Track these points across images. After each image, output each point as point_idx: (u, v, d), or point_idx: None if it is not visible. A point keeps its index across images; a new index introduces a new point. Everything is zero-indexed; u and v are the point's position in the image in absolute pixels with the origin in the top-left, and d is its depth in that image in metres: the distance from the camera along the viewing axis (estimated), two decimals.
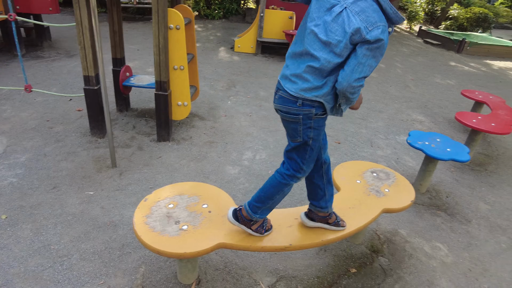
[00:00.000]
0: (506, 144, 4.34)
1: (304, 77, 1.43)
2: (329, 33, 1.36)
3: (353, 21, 1.31)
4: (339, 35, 1.34)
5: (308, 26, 1.42)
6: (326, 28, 1.36)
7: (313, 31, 1.39)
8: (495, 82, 7.29)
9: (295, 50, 1.48)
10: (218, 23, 10.92)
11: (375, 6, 1.33)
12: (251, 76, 6.00)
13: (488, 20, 13.18)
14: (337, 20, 1.34)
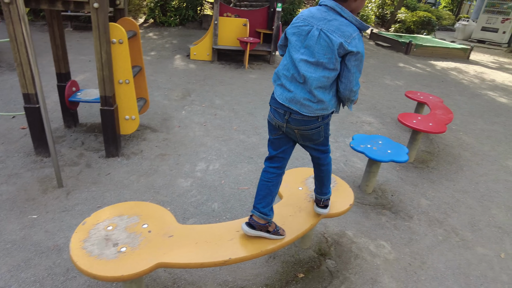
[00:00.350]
0: (446, 141, 4.65)
1: (316, 99, 1.61)
2: (316, 54, 1.56)
3: (333, 38, 1.51)
4: (328, 53, 1.53)
5: (295, 57, 1.61)
6: (312, 51, 1.56)
7: (302, 59, 1.59)
8: (438, 82, 7.79)
9: (293, 77, 1.64)
10: (174, 30, 10.81)
11: (345, 21, 1.54)
12: (206, 84, 5.99)
13: (431, 23, 14.08)
14: (319, 42, 1.54)
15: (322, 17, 1.56)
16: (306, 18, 1.61)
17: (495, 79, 8.82)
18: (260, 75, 6.88)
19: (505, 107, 6.50)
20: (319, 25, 1.55)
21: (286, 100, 1.66)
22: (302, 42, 1.59)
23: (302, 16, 1.64)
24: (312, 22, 1.58)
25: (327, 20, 1.54)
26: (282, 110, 1.69)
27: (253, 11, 8.54)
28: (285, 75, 1.67)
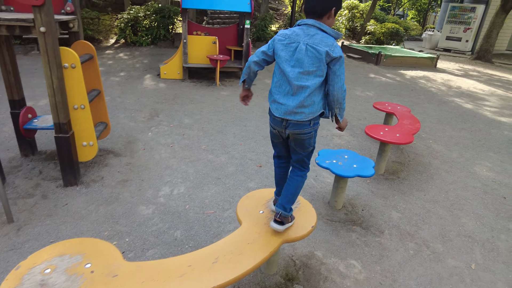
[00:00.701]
0: (416, 149, 4.68)
1: (307, 104, 1.83)
2: (306, 65, 1.79)
3: (320, 49, 1.75)
4: (316, 62, 1.77)
5: (287, 70, 1.83)
6: (302, 63, 1.79)
7: (294, 71, 1.81)
8: (407, 91, 7.96)
9: (285, 90, 1.87)
10: (146, 50, 10.70)
11: (325, 34, 1.80)
12: (176, 104, 5.87)
13: (399, 34, 14.55)
14: (308, 54, 1.77)
15: (305, 34, 1.80)
16: (291, 36, 1.83)
17: (461, 86, 9.10)
18: (232, 92, 6.82)
19: (471, 113, 6.67)
20: (304, 41, 1.79)
21: (281, 113, 1.88)
22: (292, 57, 1.82)
23: (287, 35, 1.85)
24: (297, 39, 1.81)
25: (310, 36, 1.79)
26: (280, 119, 1.91)
27: (223, 28, 8.56)
28: (278, 91, 1.89)
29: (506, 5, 13.13)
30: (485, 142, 5.19)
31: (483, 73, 11.59)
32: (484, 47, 14.07)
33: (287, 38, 1.83)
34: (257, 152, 4.19)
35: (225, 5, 7.21)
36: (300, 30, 1.83)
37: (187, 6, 6.96)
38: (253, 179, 3.55)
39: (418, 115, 6.19)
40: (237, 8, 7.20)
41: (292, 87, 1.82)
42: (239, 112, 5.61)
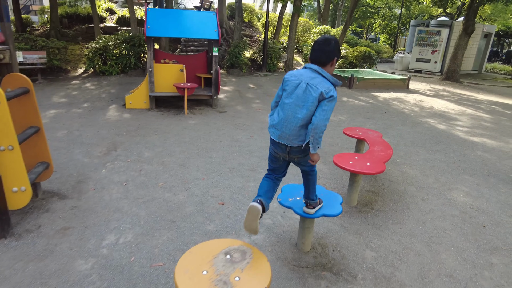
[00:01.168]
0: (391, 176, 4.45)
1: (299, 133, 2.25)
2: (302, 99, 2.20)
3: (316, 89, 2.15)
4: (311, 99, 2.17)
5: (287, 101, 2.26)
6: (299, 97, 2.21)
7: (293, 103, 2.23)
8: (381, 113, 7.89)
9: (279, 118, 2.30)
10: (115, 79, 10.37)
11: (324, 79, 2.21)
12: (138, 135, 5.50)
13: (371, 57, 14.85)
14: (306, 91, 2.18)
15: (308, 75, 2.23)
16: (297, 75, 2.27)
17: (433, 106, 9.16)
18: (201, 120, 6.52)
19: (444, 133, 6.59)
20: (306, 80, 2.21)
21: (277, 138, 2.31)
22: (293, 92, 2.24)
23: (294, 74, 2.30)
24: (301, 78, 2.24)
25: (312, 77, 2.21)
26: (283, 145, 2.33)
27: (192, 56, 8.37)
28: (276, 120, 2.32)
29: (468, 28, 13.68)
30: (460, 164, 5.04)
31: (453, 92, 11.82)
32: (451, 68, 14.50)
33: (294, 76, 2.28)
34: (221, 187, 3.84)
35: (191, 33, 7.05)
36: (305, 72, 2.27)
37: (152, 34, 6.74)
38: (213, 220, 3.19)
39: (392, 138, 6.04)
40: (204, 35, 7.04)
41: (287, 117, 2.26)
42: (206, 142, 5.29)
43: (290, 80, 2.27)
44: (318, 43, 2.27)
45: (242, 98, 8.72)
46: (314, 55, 2.27)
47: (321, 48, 2.25)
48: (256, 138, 5.60)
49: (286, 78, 2.31)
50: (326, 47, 2.24)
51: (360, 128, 4.81)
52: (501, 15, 28.02)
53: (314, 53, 2.27)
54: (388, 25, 29.47)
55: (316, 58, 2.26)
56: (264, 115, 7.14)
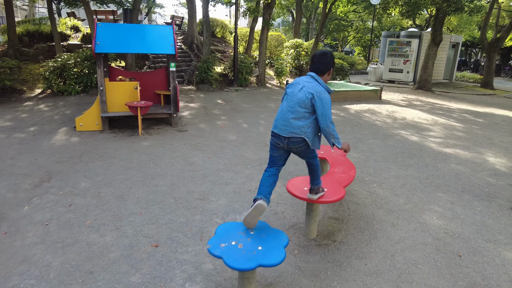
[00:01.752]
0: (358, 198, 4.02)
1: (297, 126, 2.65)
2: (299, 99, 2.65)
3: (310, 91, 2.62)
4: (305, 100, 2.62)
5: (290, 98, 2.71)
6: (297, 97, 2.66)
7: (289, 99, 2.71)
8: (351, 126, 7.54)
9: (283, 114, 2.71)
10: (73, 99, 9.71)
11: (318, 84, 2.67)
12: (81, 162, 4.90)
13: (344, 69, 14.74)
14: (301, 92, 2.65)
15: (307, 80, 2.70)
16: (298, 81, 2.73)
17: (406, 116, 8.92)
18: (155, 141, 5.96)
19: (417, 146, 6.27)
20: (303, 84, 2.68)
21: (280, 131, 2.67)
22: (293, 91, 2.70)
23: (297, 80, 2.75)
24: (301, 83, 2.70)
25: (309, 82, 2.67)
26: (282, 136, 2.67)
27: (152, 72, 7.87)
28: (279, 116, 2.71)
29: (436, 38, 13.80)
30: (433, 180, 4.67)
31: (426, 102, 11.72)
32: (423, 77, 14.54)
33: (296, 82, 2.73)
34: (159, 224, 3.28)
35: (146, 48, 6.56)
36: (305, 78, 2.71)
37: (101, 50, 6.21)
38: (140, 269, 2.62)
39: (361, 154, 5.66)
40: (159, 50, 6.57)
41: (288, 113, 2.65)
42: (155, 167, 4.73)
43: (293, 84, 2.76)
44: (317, 56, 2.72)
45: (208, 115, 8.22)
46: (314, 66, 2.72)
47: (320, 60, 2.71)
48: (213, 160, 5.09)
49: (291, 84, 2.80)
50: (324, 60, 2.71)
51: (323, 146, 4.37)
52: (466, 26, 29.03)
53: (314, 65, 2.72)
54: (362, 38, 29.93)
55: (316, 69, 2.71)
56: (227, 133, 6.65)
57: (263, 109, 9.18)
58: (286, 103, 2.69)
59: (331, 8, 15.91)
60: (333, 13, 23.77)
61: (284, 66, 14.29)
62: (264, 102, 10.24)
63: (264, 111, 8.84)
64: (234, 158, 5.20)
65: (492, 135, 7.29)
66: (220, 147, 5.75)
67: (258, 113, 8.63)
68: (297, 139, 2.63)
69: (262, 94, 11.80)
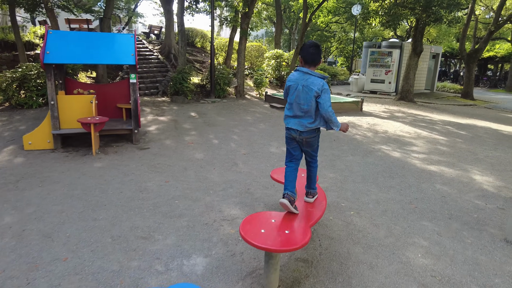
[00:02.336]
0: (332, 231, 3.47)
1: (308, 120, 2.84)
2: (302, 97, 2.78)
3: (312, 88, 2.72)
4: (308, 96, 2.75)
5: (294, 100, 2.84)
6: (300, 96, 2.79)
7: (297, 102, 2.82)
8: (329, 141, 7.06)
9: (292, 112, 2.88)
10: (33, 113, 8.93)
11: (314, 77, 2.76)
12: (15, 189, 4.20)
13: None
14: (303, 91, 2.76)
15: (301, 77, 2.80)
16: (294, 80, 2.84)
17: (388, 129, 8.52)
18: (110, 162, 5.31)
19: (399, 163, 5.81)
20: (301, 82, 2.78)
21: (294, 125, 2.87)
22: (294, 92, 2.83)
23: (292, 78, 2.86)
24: (297, 81, 2.81)
25: (305, 79, 2.77)
26: (295, 129, 2.88)
27: (113, 84, 7.25)
28: (289, 114, 2.91)
29: (416, 49, 13.67)
30: (417, 205, 4.18)
31: (408, 113, 11.43)
32: (405, 88, 14.34)
33: (293, 81, 2.85)
34: (84, 274, 2.64)
35: (102, 59, 5.95)
36: (298, 75, 2.84)
37: (51, 61, 5.56)
38: None
39: (338, 174, 5.14)
40: (118, 61, 5.98)
41: (298, 110, 2.83)
42: (100, 195, 4.08)
43: (290, 85, 2.83)
44: (313, 46, 2.78)
45: (177, 129, 7.61)
46: (312, 57, 2.77)
47: (316, 51, 2.78)
48: (171, 184, 4.47)
49: (287, 84, 2.88)
50: (319, 51, 2.81)
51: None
52: (445, 37, 29.52)
53: (312, 56, 2.77)
54: (345, 48, 29.98)
55: (313, 60, 2.78)
56: (194, 150, 6.05)
57: (238, 122, 8.63)
58: (296, 106, 2.83)
59: (311, 18, 15.65)
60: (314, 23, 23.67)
61: (263, 77, 13.83)
62: (241, 114, 9.70)
63: (239, 125, 8.29)
64: (195, 182, 4.59)
65: (476, 150, 6.93)
66: (182, 168, 5.14)
67: (232, 127, 8.07)
68: (310, 129, 2.86)
69: (239, 106, 11.27)
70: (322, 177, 4.96)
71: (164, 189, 4.30)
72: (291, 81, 2.84)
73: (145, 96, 12.84)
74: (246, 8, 12.41)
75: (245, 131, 7.67)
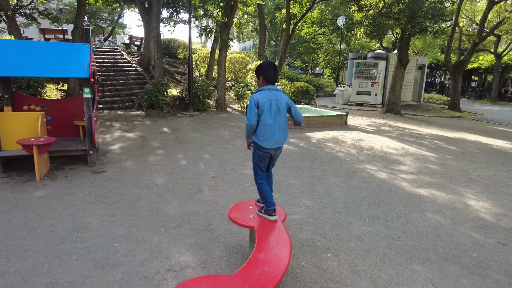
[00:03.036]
0: (302, 282, 2.80)
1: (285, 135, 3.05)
2: (275, 111, 2.90)
3: (283, 101, 2.95)
4: (282, 109, 2.93)
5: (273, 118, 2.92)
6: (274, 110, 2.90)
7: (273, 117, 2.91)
8: (310, 160, 6.44)
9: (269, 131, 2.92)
10: None
11: (280, 92, 2.98)
12: None
13: (309, 92, 13.92)
14: (278, 107, 2.91)
15: (271, 96, 2.91)
16: (265, 97, 2.88)
17: (373, 145, 7.97)
18: (54, 190, 4.57)
19: (385, 186, 5.21)
20: (272, 98, 2.90)
21: (276, 143, 2.98)
22: (270, 111, 2.89)
23: (262, 97, 2.88)
24: (269, 98, 2.89)
25: (275, 97, 2.92)
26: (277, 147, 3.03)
27: (72, 99, 6.54)
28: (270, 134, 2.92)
29: (402, 60, 13.34)
30: (406, 241, 3.55)
31: (395, 127, 10.95)
32: (391, 100, 13.95)
33: (265, 99, 2.87)
34: None
35: (51, 71, 5.24)
36: (268, 92, 2.92)
37: None
38: None
39: (317, 201, 4.51)
40: (68, 73, 5.31)
41: (275, 126, 2.93)
42: (25, 236, 3.34)
43: (262, 102, 2.88)
44: (273, 68, 2.99)
45: (143, 148, 6.90)
46: (275, 76, 3.00)
47: (276, 71, 3.00)
48: (116, 219, 3.76)
49: (259, 102, 2.88)
50: (277, 70, 3.05)
51: (242, 205, 3.17)
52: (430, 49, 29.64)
53: (275, 75, 3.00)
54: (332, 60, 29.78)
55: (275, 79, 3.01)
56: (156, 174, 5.35)
57: (214, 138, 7.97)
58: (275, 122, 2.92)
59: (294, 29, 15.25)
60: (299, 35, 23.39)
61: (245, 89, 13.26)
62: (218, 130, 9.05)
63: (214, 142, 7.63)
64: (146, 216, 3.89)
65: (468, 168, 6.40)
66: (135, 197, 4.43)
67: (206, 144, 7.41)
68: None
69: (219, 120, 10.63)
70: (298, 206, 4.32)
71: (105, 227, 3.58)
72: (262, 99, 2.86)
73: (119, 109, 12.12)
74: (225, 18, 11.90)
75: (219, 149, 7.01)
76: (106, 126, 8.92)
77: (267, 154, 2.99)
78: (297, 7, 15.14)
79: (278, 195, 4.61)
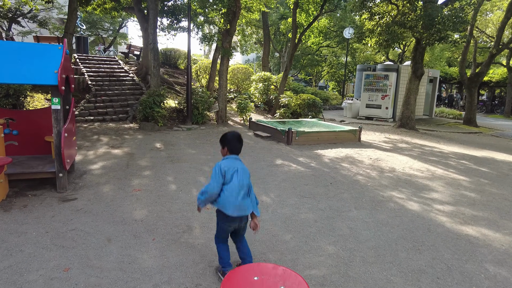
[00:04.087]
0: None
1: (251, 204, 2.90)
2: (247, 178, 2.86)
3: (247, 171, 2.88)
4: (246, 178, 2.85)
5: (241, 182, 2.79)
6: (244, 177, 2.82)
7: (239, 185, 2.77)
8: (324, 185, 5.42)
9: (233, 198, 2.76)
10: None
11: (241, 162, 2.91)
12: None
13: (316, 105, 13.00)
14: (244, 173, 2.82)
15: (236, 164, 2.83)
16: (230, 166, 2.79)
17: (394, 166, 6.96)
18: (3, 227, 3.56)
19: (421, 222, 4.18)
20: (237, 167, 2.80)
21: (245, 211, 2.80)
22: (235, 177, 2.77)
23: (227, 166, 2.79)
24: (233, 167, 2.80)
25: (240, 164, 2.86)
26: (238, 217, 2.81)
27: (42, 110, 5.58)
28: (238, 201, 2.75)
29: (417, 71, 12.42)
30: None
31: (412, 144, 9.95)
32: (405, 114, 12.97)
33: (230, 168, 2.78)
34: None
35: (13, 77, 4.31)
36: (233, 160, 2.85)
37: None
38: None
39: (341, 246, 3.49)
40: (32, 80, 4.36)
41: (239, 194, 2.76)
42: None
43: (228, 171, 2.78)
44: (239, 140, 2.94)
45: (128, 167, 5.92)
46: (239, 148, 2.95)
47: (241, 143, 2.96)
48: (71, 274, 2.75)
49: (225, 170, 2.76)
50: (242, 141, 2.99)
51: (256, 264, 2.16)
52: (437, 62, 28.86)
53: (239, 147, 2.95)
54: (336, 73, 29.02)
55: (239, 152, 2.95)
56: (137, 203, 4.35)
57: (212, 156, 6.98)
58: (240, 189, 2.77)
59: (300, 39, 14.44)
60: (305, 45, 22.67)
61: (248, 101, 12.35)
62: (217, 146, 8.02)
63: (211, 160, 6.64)
64: (114, 270, 2.87)
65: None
66: (105, 238, 3.41)
67: (202, 163, 6.42)
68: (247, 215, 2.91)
69: (218, 134, 9.66)
70: (317, 254, 3.29)
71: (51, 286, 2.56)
72: (228, 168, 2.79)
73: (111, 122, 11.20)
74: (227, 25, 11.08)
75: None
76: (93, 140, 7.97)
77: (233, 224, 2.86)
78: (303, 16, 14.34)
79: (290, 236, 3.59)
